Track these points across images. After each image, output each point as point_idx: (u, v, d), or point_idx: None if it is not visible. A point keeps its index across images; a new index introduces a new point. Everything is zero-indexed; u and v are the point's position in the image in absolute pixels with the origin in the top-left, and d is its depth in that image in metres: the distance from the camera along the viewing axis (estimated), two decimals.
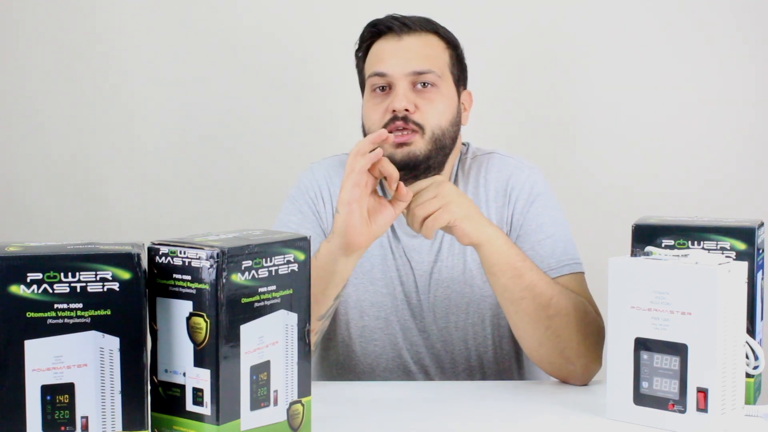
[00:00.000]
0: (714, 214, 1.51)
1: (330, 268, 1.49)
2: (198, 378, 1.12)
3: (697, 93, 2.43)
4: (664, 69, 2.42)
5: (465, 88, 1.74)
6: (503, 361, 1.73)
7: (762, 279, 1.44)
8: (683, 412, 1.28)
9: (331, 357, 1.76)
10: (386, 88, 1.64)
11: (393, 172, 1.46)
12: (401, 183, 1.47)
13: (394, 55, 1.64)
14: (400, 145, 1.60)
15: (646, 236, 1.42)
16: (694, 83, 2.42)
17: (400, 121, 1.60)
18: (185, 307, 1.12)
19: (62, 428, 1.08)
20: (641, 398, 1.31)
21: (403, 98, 1.61)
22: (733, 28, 2.41)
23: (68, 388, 1.08)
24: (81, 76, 2.47)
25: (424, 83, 1.63)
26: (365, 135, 1.67)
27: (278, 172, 2.44)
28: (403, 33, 1.65)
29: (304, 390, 1.23)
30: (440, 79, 1.64)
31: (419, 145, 1.61)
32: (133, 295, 1.09)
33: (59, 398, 1.08)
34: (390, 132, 1.57)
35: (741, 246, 1.38)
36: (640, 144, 2.44)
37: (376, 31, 1.68)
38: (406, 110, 1.60)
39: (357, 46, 1.72)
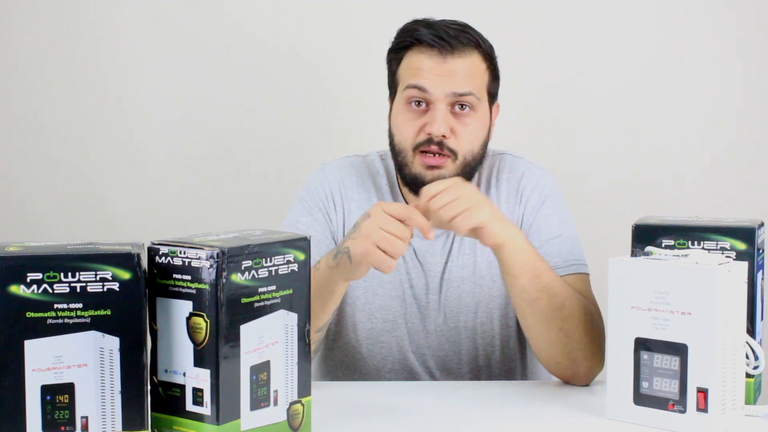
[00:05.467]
0: (714, 214, 1.51)
1: (331, 288, 1.48)
2: (198, 378, 1.12)
3: (697, 93, 2.42)
4: (664, 69, 2.42)
5: (496, 101, 1.71)
6: (509, 360, 1.73)
7: (762, 279, 1.44)
8: (683, 412, 1.28)
9: (335, 357, 1.75)
10: (422, 104, 1.62)
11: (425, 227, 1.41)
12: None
13: (436, 75, 1.60)
14: (431, 167, 1.60)
15: (646, 236, 1.42)
16: (693, 83, 2.42)
17: (435, 146, 1.60)
18: (185, 307, 1.12)
19: (62, 428, 1.08)
20: (641, 398, 1.31)
21: (442, 123, 1.59)
22: (733, 28, 2.41)
23: (68, 388, 1.08)
24: (81, 79, 2.47)
25: (462, 105, 1.61)
26: (391, 141, 1.66)
27: (279, 173, 2.44)
28: (446, 53, 1.60)
29: (304, 390, 1.23)
30: (478, 102, 1.62)
31: (449, 169, 1.61)
32: (133, 295, 1.09)
33: (59, 398, 1.08)
34: (422, 152, 1.60)
35: (741, 246, 1.38)
36: (640, 144, 2.43)
37: (416, 41, 1.62)
38: (443, 136, 1.60)
39: (392, 46, 1.67)
